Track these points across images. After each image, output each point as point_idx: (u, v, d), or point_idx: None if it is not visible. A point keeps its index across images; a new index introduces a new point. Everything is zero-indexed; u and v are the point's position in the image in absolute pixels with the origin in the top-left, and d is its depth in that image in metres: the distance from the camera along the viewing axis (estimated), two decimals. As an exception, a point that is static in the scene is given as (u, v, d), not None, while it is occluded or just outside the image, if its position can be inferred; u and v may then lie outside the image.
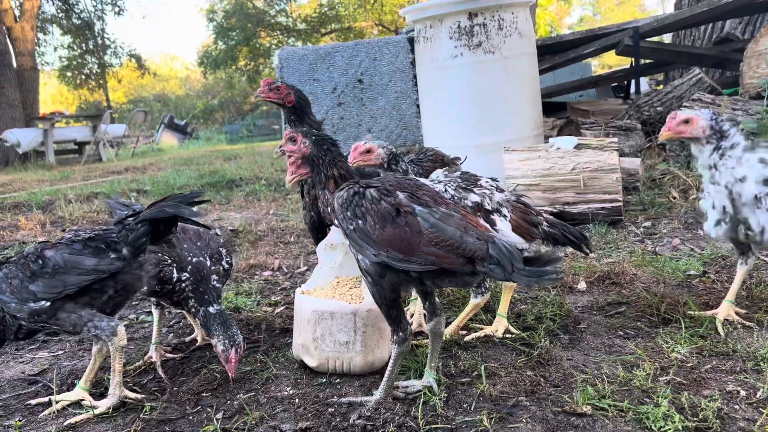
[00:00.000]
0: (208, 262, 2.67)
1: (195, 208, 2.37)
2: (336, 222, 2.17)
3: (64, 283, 2.28)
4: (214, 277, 2.65)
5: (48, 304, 2.28)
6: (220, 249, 2.78)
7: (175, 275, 2.56)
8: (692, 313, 2.79)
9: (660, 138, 2.68)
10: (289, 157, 2.26)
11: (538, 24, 24.43)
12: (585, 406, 2.09)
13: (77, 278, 2.28)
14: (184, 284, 2.57)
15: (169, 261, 2.57)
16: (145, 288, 2.53)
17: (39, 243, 2.43)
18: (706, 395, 2.14)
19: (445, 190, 2.56)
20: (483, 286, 2.73)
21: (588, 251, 2.78)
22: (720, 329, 2.64)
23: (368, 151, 2.57)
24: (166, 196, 2.50)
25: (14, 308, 2.30)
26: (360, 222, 2.03)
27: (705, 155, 2.59)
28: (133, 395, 2.41)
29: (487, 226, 2.45)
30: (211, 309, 2.56)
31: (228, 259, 2.78)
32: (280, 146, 2.30)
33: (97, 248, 2.32)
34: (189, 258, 2.62)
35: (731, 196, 2.57)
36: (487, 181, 2.70)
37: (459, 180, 2.62)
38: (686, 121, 2.57)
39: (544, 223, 2.68)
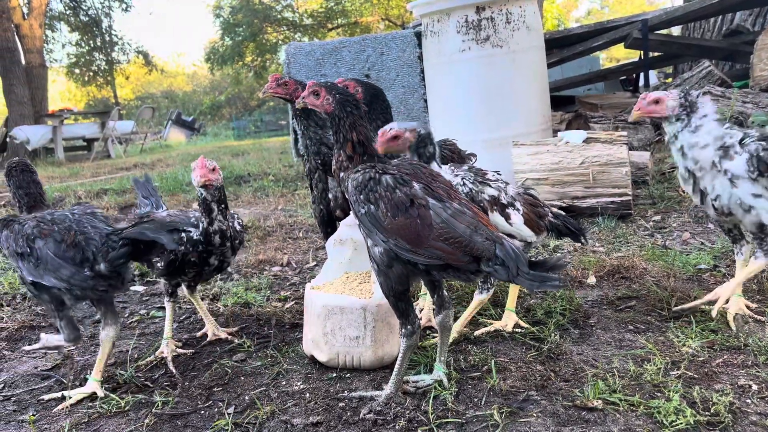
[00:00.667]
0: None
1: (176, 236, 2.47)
2: (347, 194, 2.15)
3: (42, 276, 2.36)
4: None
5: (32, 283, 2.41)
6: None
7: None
8: (703, 307, 2.78)
9: (630, 118, 2.75)
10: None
11: (545, 17, 24.29)
12: (596, 400, 2.09)
13: (51, 280, 2.35)
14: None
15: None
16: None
17: (38, 217, 2.47)
18: (718, 389, 2.13)
19: (463, 183, 2.56)
20: (488, 281, 2.73)
21: (584, 242, 2.86)
22: (732, 324, 2.63)
23: (395, 138, 2.49)
24: (147, 216, 2.53)
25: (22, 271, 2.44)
26: (372, 207, 2.03)
27: (674, 131, 2.61)
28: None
29: (500, 222, 2.45)
30: None
31: (239, 220, 2.87)
32: (303, 97, 2.23)
33: (75, 257, 2.35)
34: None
35: (694, 165, 2.59)
36: (493, 175, 2.71)
37: (471, 174, 2.63)
38: (656, 101, 2.61)
39: (550, 215, 2.74)
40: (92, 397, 2.43)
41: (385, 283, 2.11)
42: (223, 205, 2.64)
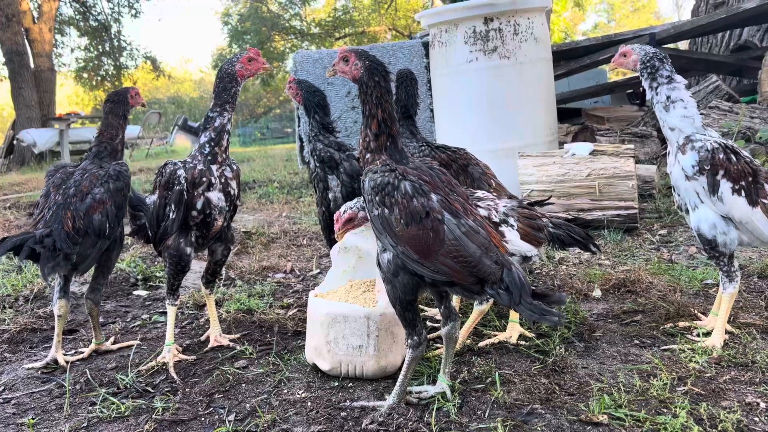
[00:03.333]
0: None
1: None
2: (362, 190, 2.13)
3: None
4: None
5: None
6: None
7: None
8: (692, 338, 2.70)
9: (609, 66, 2.87)
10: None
11: (552, 30, 24.34)
12: (601, 415, 2.06)
13: None
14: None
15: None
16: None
17: None
18: (725, 406, 2.10)
19: None
20: None
21: (595, 250, 2.77)
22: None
23: (350, 220, 2.45)
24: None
25: None
26: (386, 211, 2.01)
27: (648, 94, 2.67)
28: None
29: (505, 244, 2.42)
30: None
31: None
32: (333, 65, 2.19)
33: None
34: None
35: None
36: (483, 193, 2.70)
37: None
38: (624, 54, 2.73)
39: (549, 225, 2.68)
40: (92, 401, 2.42)
41: (392, 292, 2.10)
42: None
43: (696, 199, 2.54)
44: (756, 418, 2.04)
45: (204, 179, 2.67)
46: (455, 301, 2.91)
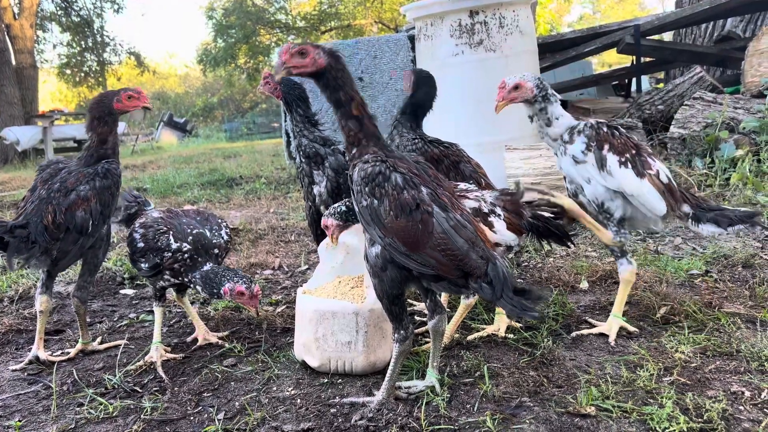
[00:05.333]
0: (208, 234, 2.74)
1: None
2: (350, 181, 2.10)
3: None
4: (216, 250, 2.74)
5: None
6: (219, 221, 2.88)
7: (174, 244, 2.64)
8: (582, 332, 2.72)
9: (497, 110, 2.80)
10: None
11: (538, 22, 24.37)
12: (589, 407, 2.08)
13: None
14: (185, 255, 2.64)
15: (165, 229, 2.68)
16: (147, 265, 2.65)
17: None
18: (711, 396, 2.13)
19: None
20: None
21: (570, 245, 2.78)
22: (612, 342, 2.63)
23: (326, 228, 2.49)
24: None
25: None
26: (375, 202, 1.99)
27: (534, 112, 2.75)
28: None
29: (490, 236, 2.41)
30: (206, 267, 2.64)
31: (227, 230, 2.86)
32: (284, 63, 2.01)
33: None
34: (188, 230, 2.70)
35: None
36: (466, 185, 2.70)
37: None
38: (516, 87, 2.71)
39: (528, 213, 2.67)
40: (79, 402, 2.40)
41: (379, 286, 2.10)
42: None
43: (587, 177, 2.64)
44: (741, 407, 2.06)
45: None
46: (444, 296, 2.92)
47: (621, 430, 1.96)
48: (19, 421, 2.31)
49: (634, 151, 2.60)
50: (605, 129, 2.63)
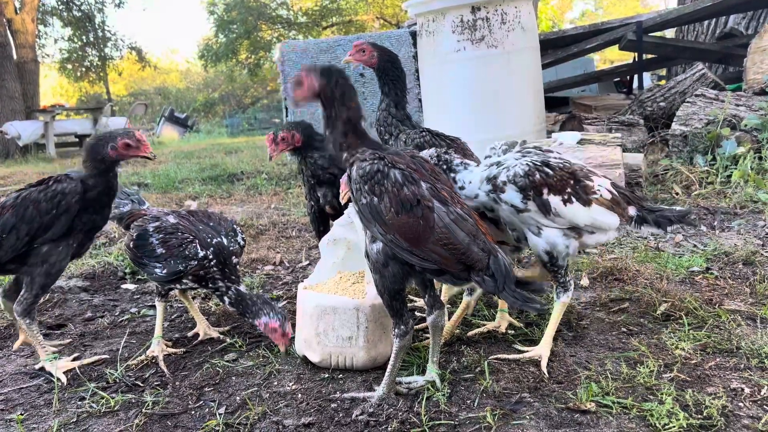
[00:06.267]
0: (225, 241, 2.70)
1: None
2: (349, 180, 2.09)
3: None
4: (234, 258, 2.70)
5: None
6: (234, 227, 2.83)
7: (201, 252, 2.59)
8: (509, 357, 2.50)
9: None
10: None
11: (539, 18, 24.33)
12: (589, 403, 2.09)
13: None
14: (211, 262, 2.60)
15: (191, 237, 2.62)
16: (165, 271, 2.58)
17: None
18: (711, 392, 2.13)
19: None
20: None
21: None
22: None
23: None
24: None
25: None
26: (375, 200, 2.00)
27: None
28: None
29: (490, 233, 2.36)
30: (242, 288, 2.61)
31: (242, 236, 2.83)
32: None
33: None
34: (209, 239, 2.65)
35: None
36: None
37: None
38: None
39: None
40: (81, 396, 2.41)
41: (380, 281, 2.10)
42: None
43: (535, 225, 2.41)
44: (741, 404, 2.07)
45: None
46: (444, 292, 2.93)
47: (621, 426, 1.97)
48: (21, 414, 2.31)
49: (572, 181, 2.38)
50: (537, 175, 2.34)
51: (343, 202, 2.51)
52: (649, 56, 9.01)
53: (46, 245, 2.54)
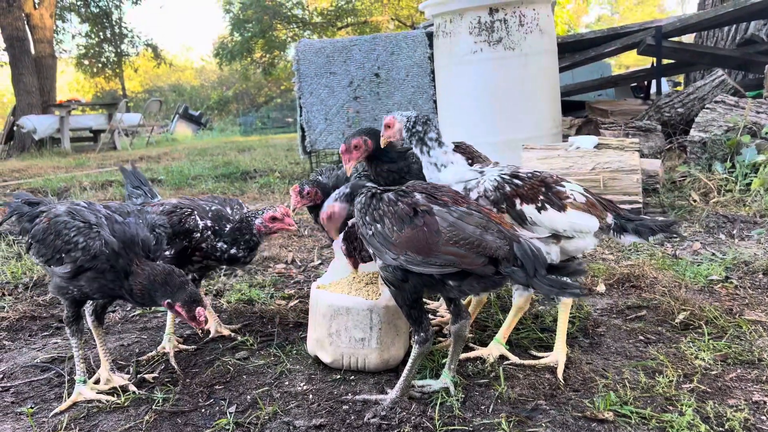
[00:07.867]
0: (229, 210, 2.77)
1: None
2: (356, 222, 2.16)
3: None
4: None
5: None
6: (240, 203, 2.91)
7: (200, 223, 2.66)
8: (525, 363, 2.45)
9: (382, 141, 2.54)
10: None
11: (555, 22, 24.21)
12: (606, 412, 2.04)
13: None
14: (209, 231, 2.67)
15: (189, 210, 2.68)
16: (172, 251, 2.63)
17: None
18: (732, 405, 2.08)
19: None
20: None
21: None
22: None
23: (329, 217, 2.50)
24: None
25: None
26: (378, 226, 2.03)
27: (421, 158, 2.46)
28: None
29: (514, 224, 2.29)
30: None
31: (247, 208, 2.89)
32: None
33: None
34: (207, 207, 2.73)
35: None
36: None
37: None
38: (387, 126, 2.48)
39: None
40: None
41: (401, 296, 2.08)
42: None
43: None
44: (763, 417, 2.01)
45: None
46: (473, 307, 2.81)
47: (639, 437, 1.92)
48: (32, 407, 2.30)
49: (543, 188, 2.35)
50: (508, 188, 2.33)
51: (333, 238, 2.52)
52: (668, 61, 8.92)
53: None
